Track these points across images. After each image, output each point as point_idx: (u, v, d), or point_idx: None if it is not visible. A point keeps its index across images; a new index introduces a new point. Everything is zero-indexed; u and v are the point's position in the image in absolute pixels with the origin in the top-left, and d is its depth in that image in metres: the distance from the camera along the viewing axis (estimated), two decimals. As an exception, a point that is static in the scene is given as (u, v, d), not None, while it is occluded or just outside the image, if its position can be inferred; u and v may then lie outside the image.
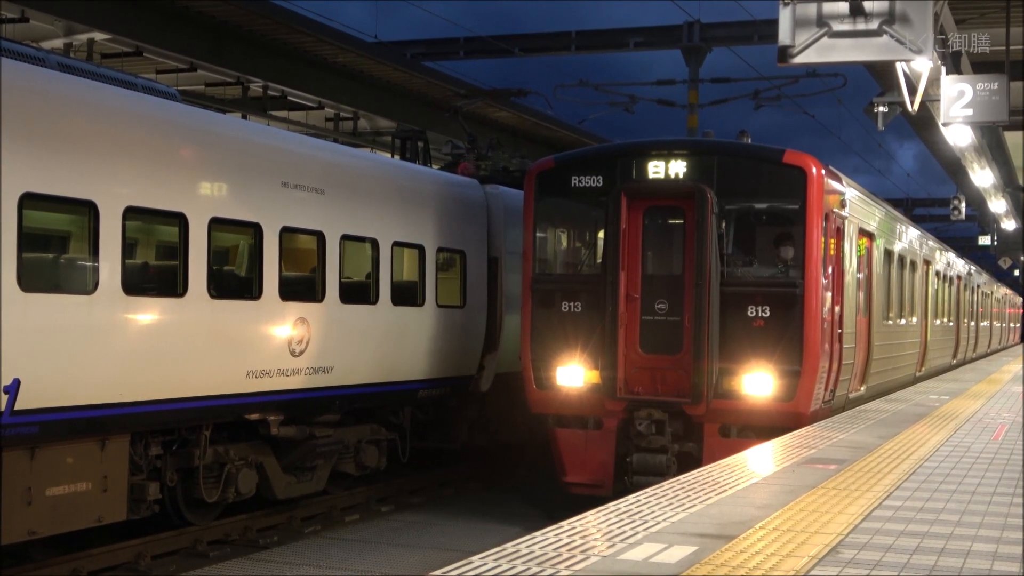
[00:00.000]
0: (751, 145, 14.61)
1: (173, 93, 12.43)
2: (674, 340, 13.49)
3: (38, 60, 10.65)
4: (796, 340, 13.02)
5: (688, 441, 13.46)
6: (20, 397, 9.55)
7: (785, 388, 12.98)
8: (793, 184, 13.33)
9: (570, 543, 6.05)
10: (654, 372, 13.58)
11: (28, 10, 18.70)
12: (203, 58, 22.19)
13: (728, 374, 13.17)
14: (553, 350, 13.94)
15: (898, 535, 6.49)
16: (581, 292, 13.93)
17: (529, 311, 14.25)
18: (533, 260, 14.35)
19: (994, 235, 46.48)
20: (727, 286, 13.27)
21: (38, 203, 10.06)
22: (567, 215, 14.95)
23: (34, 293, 9.78)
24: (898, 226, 20.47)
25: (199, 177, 11.74)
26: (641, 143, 14.40)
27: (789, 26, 10.63)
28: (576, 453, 13.92)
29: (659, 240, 14.17)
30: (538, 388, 14.09)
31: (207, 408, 11.78)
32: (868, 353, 16.58)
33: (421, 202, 15.63)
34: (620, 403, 13.52)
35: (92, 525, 10.85)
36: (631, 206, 13.68)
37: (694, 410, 13.29)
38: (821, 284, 13.29)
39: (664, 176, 13.68)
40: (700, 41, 27.29)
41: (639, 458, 13.40)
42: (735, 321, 13.18)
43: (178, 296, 11.41)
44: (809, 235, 13.21)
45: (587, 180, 14.08)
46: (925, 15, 10.42)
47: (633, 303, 13.62)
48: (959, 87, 13.59)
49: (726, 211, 13.55)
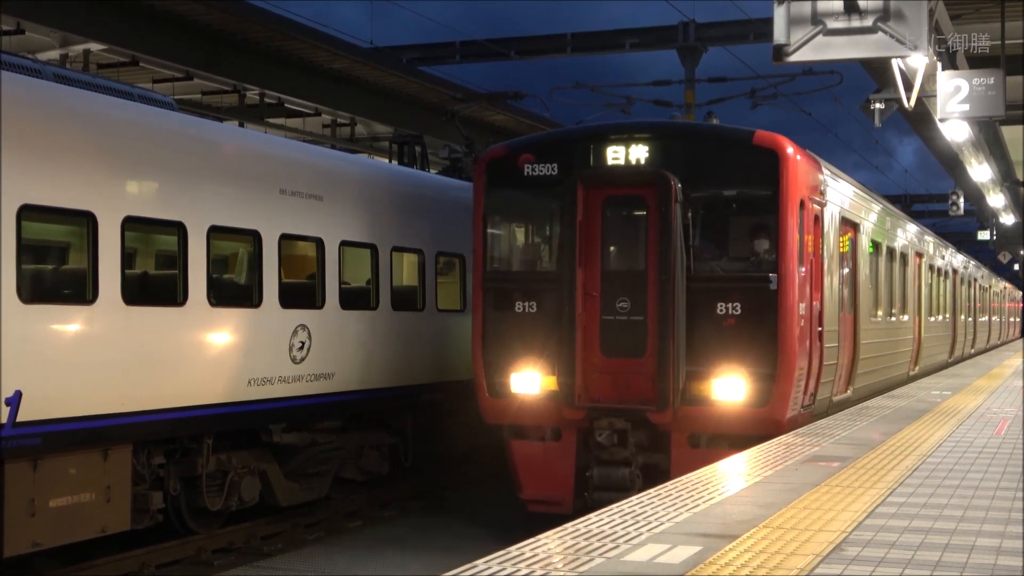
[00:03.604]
0: (718, 126, 13.58)
1: (170, 102, 12.45)
2: (637, 342, 12.37)
3: (35, 72, 10.66)
4: (770, 340, 11.93)
5: (654, 452, 12.37)
6: (22, 409, 9.56)
7: (759, 393, 11.91)
8: (765, 168, 12.20)
9: (574, 545, 6.05)
10: (616, 377, 12.46)
11: (24, 22, 18.71)
12: (199, 67, 22.20)
13: (696, 378, 12.07)
14: (507, 354, 12.80)
15: (902, 531, 6.48)
16: (536, 291, 12.83)
17: (481, 312, 13.09)
18: (484, 257, 13.18)
19: (993, 230, 46.45)
20: (694, 281, 12.17)
21: (37, 214, 10.07)
22: (521, 207, 13.75)
23: (34, 304, 9.79)
24: (887, 217, 19.39)
25: (197, 186, 11.74)
26: (599, 126, 13.32)
27: (784, 24, 10.63)
28: (533, 467, 12.85)
29: (620, 232, 13.07)
30: (491, 396, 12.94)
31: (209, 416, 11.78)
32: (854, 353, 15.52)
33: (419, 207, 15.65)
34: (579, 411, 12.38)
35: (96, 536, 10.84)
36: (588, 196, 12.53)
37: (659, 418, 12.15)
38: (797, 278, 12.22)
39: (624, 162, 12.56)
40: (696, 41, 27.29)
41: (600, 472, 12.27)
42: (704, 320, 12.09)
43: (178, 305, 11.42)
44: (783, 224, 12.10)
45: (541, 168, 12.87)
46: (920, 11, 10.42)
47: (592, 302, 12.48)
48: (955, 83, 13.59)
49: (692, 199, 12.38)
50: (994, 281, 45.74)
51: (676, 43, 27.72)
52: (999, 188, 29.52)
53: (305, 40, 22.95)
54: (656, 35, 28.65)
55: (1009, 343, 51.55)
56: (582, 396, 12.41)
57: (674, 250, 12.04)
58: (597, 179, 12.64)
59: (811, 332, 12.63)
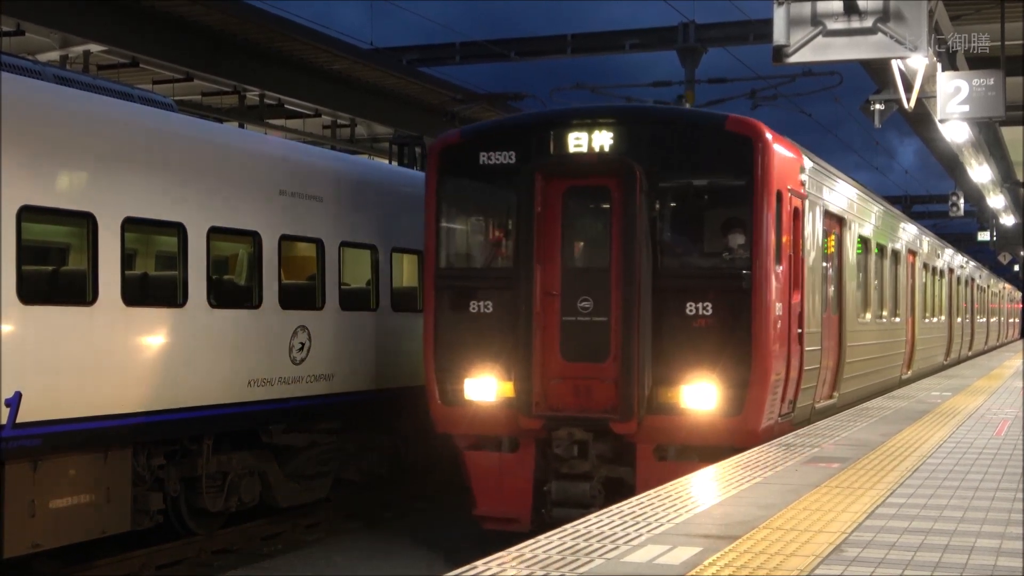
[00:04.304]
0: (689, 111, 12.59)
1: (170, 103, 12.46)
2: (600, 345, 11.42)
3: (35, 73, 10.67)
4: (744, 343, 11.01)
5: (618, 465, 11.44)
6: (22, 410, 9.56)
7: (732, 400, 11.00)
8: (738, 155, 11.29)
9: (574, 546, 6.05)
10: (577, 383, 11.51)
11: (24, 23, 18.71)
12: (199, 68, 22.20)
13: (664, 385, 11.17)
14: (461, 358, 11.84)
15: (902, 532, 6.48)
16: (492, 290, 11.82)
17: (433, 312, 12.11)
18: (437, 252, 12.21)
19: (993, 230, 46.48)
20: (662, 279, 11.25)
21: (37, 215, 10.07)
22: (477, 199, 12.75)
23: (34, 305, 9.80)
24: (876, 212, 18.26)
25: (197, 187, 11.75)
26: (560, 111, 12.36)
27: (784, 25, 10.63)
28: (489, 480, 11.90)
29: (582, 226, 12.14)
30: (444, 403, 11.97)
31: (209, 418, 11.79)
32: (840, 356, 14.57)
33: (419, 208, 15.63)
34: (537, 421, 11.43)
35: (96, 537, 10.86)
36: (547, 186, 11.61)
37: (623, 428, 11.23)
38: (774, 275, 11.28)
39: (587, 150, 11.57)
40: (696, 42, 27.27)
41: (558, 486, 11.36)
42: (672, 321, 11.18)
43: (178, 306, 11.43)
44: (758, 216, 11.16)
45: (498, 156, 11.87)
46: (920, 12, 10.42)
47: (551, 302, 11.54)
48: (955, 83, 13.59)
49: (660, 190, 11.51)
50: (992, 281, 45.09)
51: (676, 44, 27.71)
52: (999, 189, 29.53)
53: (305, 41, 22.94)
54: (656, 36, 28.64)
55: (1009, 344, 51.55)
56: (540, 404, 11.50)
57: (639, 245, 11.19)
58: (556, 168, 11.73)
59: (790, 334, 11.76)
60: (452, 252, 12.54)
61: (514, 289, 11.56)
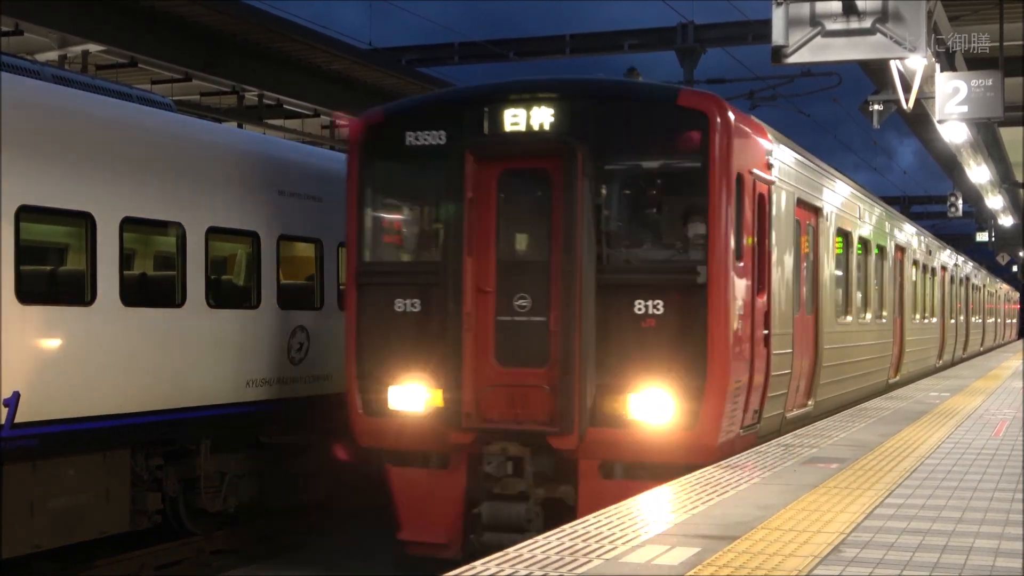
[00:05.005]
0: (638, 84, 11.48)
1: (168, 103, 12.46)
2: (538, 348, 10.19)
3: (33, 72, 10.67)
4: (698, 346, 9.80)
5: (558, 484, 10.16)
6: (20, 410, 9.56)
7: (685, 411, 9.79)
8: (692, 134, 10.09)
9: (572, 547, 6.06)
10: (513, 392, 10.25)
11: (22, 23, 18.71)
12: (198, 68, 22.20)
13: (609, 393, 9.95)
14: (385, 363, 10.59)
15: (900, 533, 6.49)
16: (420, 286, 10.61)
17: (354, 312, 10.85)
18: (359, 245, 10.96)
19: (991, 231, 46.48)
20: (607, 274, 10.06)
21: (35, 215, 10.07)
22: (403, 184, 11.50)
23: (32, 305, 9.79)
24: (859, 203, 16.85)
25: (196, 187, 11.75)
26: (495, 84, 11.14)
27: (782, 26, 10.64)
28: (416, 500, 10.61)
29: (519, 214, 10.92)
30: (366, 414, 10.72)
31: (208, 417, 11.79)
32: (816, 360, 13.36)
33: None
34: (468, 434, 10.20)
35: (95, 537, 10.85)
36: (480, 169, 10.38)
37: (563, 443, 9.97)
38: (732, 269, 10.09)
39: (526, 128, 10.36)
40: (694, 42, 27.29)
41: (490, 508, 10.00)
42: (619, 321, 9.97)
43: (177, 306, 11.43)
44: (714, 202, 9.96)
45: (426, 136, 10.69)
46: (918, 13, 10.43)
47: (485, 299, 10.32)
48: (954, 84, 13.60)
49: (606, 173, 10.33)
50: (989, 280, 44.47)
51: (675, 44, 27.73)
52: (998, 190, 29.54)
53: (304, 41, 22.95)
54: (655, 36, 28.66)
55: (1007, 344, 51.55)
56: (471, 415, 10.24)
57: (580, 235, 9.95)
58: (490, 149, 10.48)
59: (753, 336, 10.62)
60: (376, 244, 11.25)
61: (442, 285, 10.36)
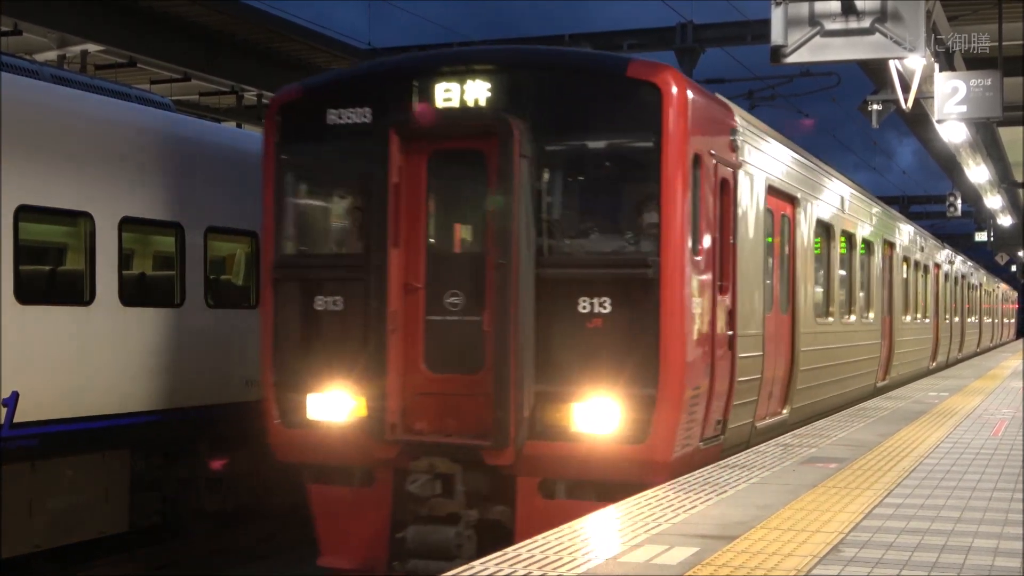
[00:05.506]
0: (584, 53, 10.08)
1: (167, 103, 12.47)
2: (472, 351, 9.04)
3: (32, 72, 10.67)
4: (650, 348, 8.65)
5: (494, 504, 8.99)
6: (19, 410, 9.56)
7: (634, 422, 8.63)
8: (642, 108, 8.91)
9: (571, 546, 6.06)
10: (445, 400, 9.16)
11: (21, 23, 18.73)
12: (197, 68, 22.23)
13: (550, 402, 8.80)
14: (305, 368, 9.47)
15: (899, 532, 6.49)
16: (343, 281, 9.47)
17: (271, 310, 9.74)
18: (277, 235, 9.83)
19: (990, 231, 46.51)
20: (548, 268, 8.92)
21: (34, 215, 10.08)
22: (324, 167, 10.32)
23: (31, 305, 9.80)
24: (843, 193, 15.58)
25: (195, 187, 11.75)
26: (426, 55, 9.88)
27: (781, 26, 10.64)
28: (338, 521, 9.57)
29: (452, 201, 9.91)
30: (284, 425, 9.59)
31: (207, 418, 11.79)
32: (793, 363, 12.22)
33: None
34: (392, 447, 9.06)
35: (94, 537, 10.85)
36: (408, 151, 9.24)
37: (498, 458, 8.80)
38: (689, 262, 8.94)
39: (460, 104, 9.21)
40: (693, 42, 27.29)
41: (416, 532, 8.81)
42: (561, 321, 8.84)
43: (176, 306, 11.43)
44: (668, 185, 8.79)
45: (350, 114, 9.55)
46: (917, 13, 10.43)
47: (413, 296, 9.17)
48: (952, 84, 13.61)
49: (548, 154, 9.12)
50: (986, 278, 43.73)
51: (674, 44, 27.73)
52: (997, 189, 29.57)
53: (303, 41, 22.97)
54: (654, 36, 28.65)
55: (1005, 344, 51.51)
56: (397, 426, 9.11)
57: (516, 224, 8.82)
58: (417, 129, 9.29)
59: (714, 338, 9.49)
60: (295, 235, 10.05)
61: (365, 280, 9.24)
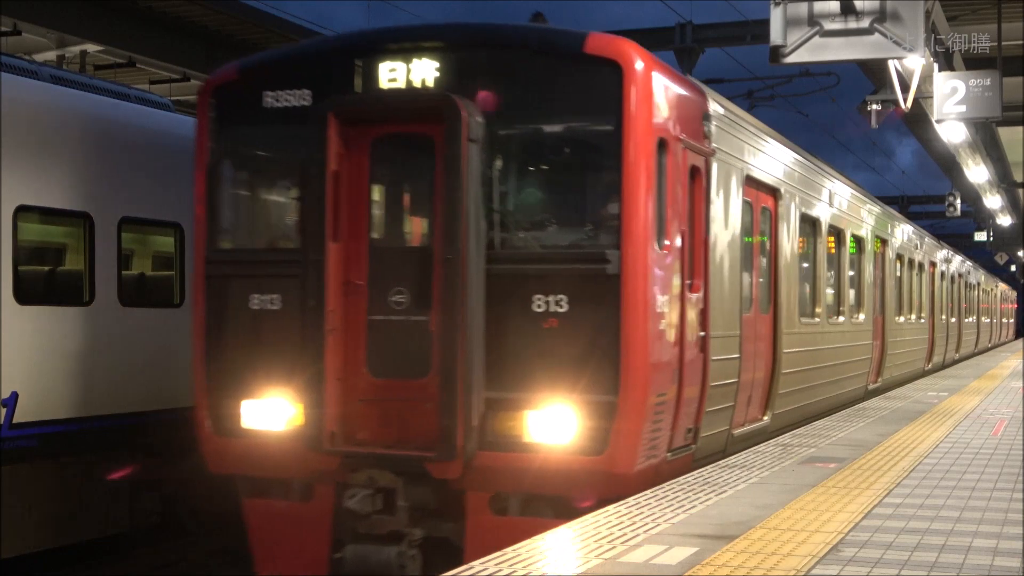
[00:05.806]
0: (538, 29, 9.35)
1: (167, 103, 12.46)
2: (419, 354, 8.31)
3: (31, 72, 10.67)
4: (610, 350, 7.93)
5: (441, 521, 8.30)
6: (18, 410, 9.56)
7: (594, 432, 7.91)
8: (601, 88, 8.18)
9: (571, 546, 6.06)
10: (388, 408, 8.46)
11: (20, 23, 18.72)
12: (196, 67, 22.19)
13: (502, 410, 8.11)
14: (239, 373, 8.76)
15: (899, 532, 6.49)
16: (281, 278, 8.72)
17: (202, 310, 9.00)
18: (208, 228, 9.06)
19: (990, 231, 46.53)
20: (499, 263, 8.19)
21: (33, 216, 10.08)
22: (261, 154, 9.66)
23: (30, 306, 9.79)
24: (831, 186, 14.68)
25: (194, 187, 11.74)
26: (370, 31, 9.40)
27: (781, 26, 10.65)
28: (273, 538, 8.83)
29: (396, 191, 9.21)
30: (216, 433, 8.86)
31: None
32: (774, 366, 11.55)
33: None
34: (332, 459, 8.33)
35: (94, 537, 10.85)
36: (349, 136, 8.49)
37: (444, 471, 8.11)
38: (653, 256, 8.20)
39: (406, 85, 8.49)
40: (693, 42, 27.30)
41: (354, 552, 8.15)
42: (514, 321, 8.13)
43: (175, 307, 11.43)
44: (629, 174, 8.03)
45: (288, 97, 8.87)
46: (916, 13, 10.44)
47: (355, 295, 8.47)
48: (952, 84, 13.62)
49: (500, 139, 8.39)
50: (984, 278, 43.34)
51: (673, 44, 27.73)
52: (996, 189, 29.57)
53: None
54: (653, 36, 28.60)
55: (1004, 344, 51.50)
56: (336, 435, 8.37)
57: (464, 215, 8.08)
58: (358, 112, 8.60)
59: (683, 339, 8.75)
60: (228, 227, 9.32)
61: (302, 277, 8.49)
